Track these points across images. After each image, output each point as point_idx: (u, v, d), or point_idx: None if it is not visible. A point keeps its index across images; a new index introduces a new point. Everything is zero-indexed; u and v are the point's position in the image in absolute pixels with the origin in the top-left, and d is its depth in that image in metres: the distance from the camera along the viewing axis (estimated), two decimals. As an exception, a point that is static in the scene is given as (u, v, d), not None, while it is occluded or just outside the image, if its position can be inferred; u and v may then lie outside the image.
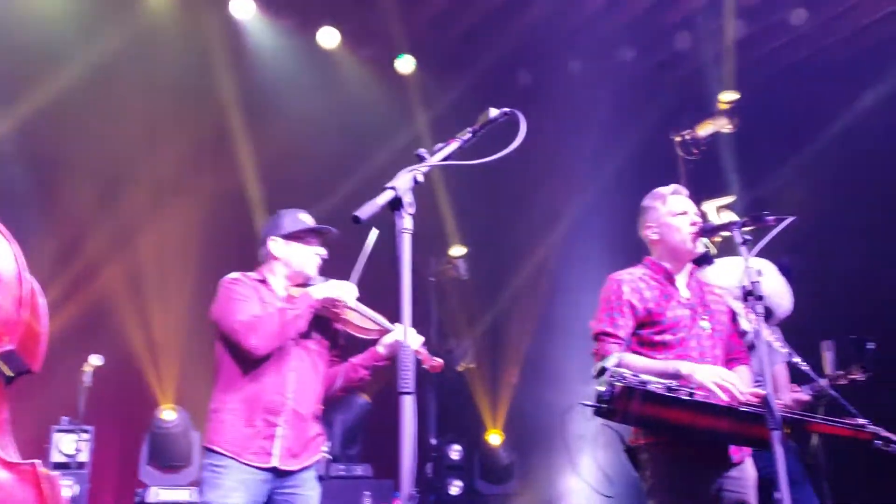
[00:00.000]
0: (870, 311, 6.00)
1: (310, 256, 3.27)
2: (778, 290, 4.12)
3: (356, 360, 3.35)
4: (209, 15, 6.36)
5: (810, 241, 6.22)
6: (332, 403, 6.78)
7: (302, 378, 3.17)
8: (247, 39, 6.54)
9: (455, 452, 7.32)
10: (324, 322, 3.26)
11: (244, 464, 3.01)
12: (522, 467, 7.49)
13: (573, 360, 6.76)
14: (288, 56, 6.72)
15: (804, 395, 4.27)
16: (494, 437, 7.52)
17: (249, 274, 3.28)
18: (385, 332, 3.27)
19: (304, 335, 3.20)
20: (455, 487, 7.20)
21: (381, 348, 3.28)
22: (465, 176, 7.36)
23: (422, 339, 3.21)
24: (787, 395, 4.19)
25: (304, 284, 3.27)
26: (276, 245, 3.26)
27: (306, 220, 3.31)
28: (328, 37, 6.75)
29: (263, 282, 3.26)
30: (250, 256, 3.48)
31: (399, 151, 6.72)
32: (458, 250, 7.75)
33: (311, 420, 3.21)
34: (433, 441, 7.25)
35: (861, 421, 2.86)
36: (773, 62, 7.31)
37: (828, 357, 4.15)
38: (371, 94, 7.14)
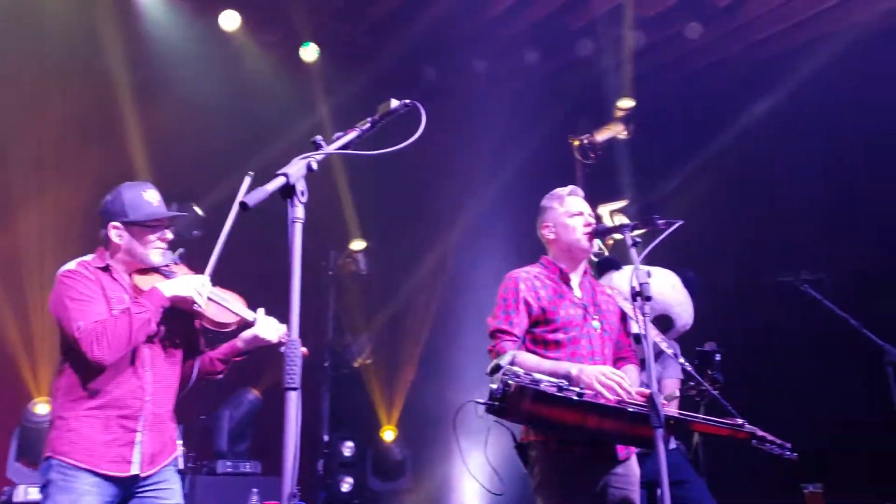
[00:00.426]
0: (749, 314, 6.31)
1: (154, 244, 2.99)
2: (681, 302, 4.23)
3: (213, 353, 3.17)
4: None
5: (697, 245, 6.49)
6: (220, 397, 6.67)
7: (159, 376, 2.96)
8: (142, 16, 6.26)
9: (347, 449, 7.25)
10: (179, 312, 2.99)
11: (101, 475, 2.80)
12: (415, 464, 7.48)
13: (470, 357, 6.81)
14: (186, 37, 6.48)
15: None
16: (388, 434, 7.49)
17: (90, 261, 2.98)
18: (245, 323, 3.07)
19: (160, 328, 2.97)
20: (346, 484, 7.13)
21: (240, 342, 3.10)
22: (368, 170, 7.30)
23: (283, 328, 3.00)
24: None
25: (158, 272, 3.03)
26: (116, 233, 2.96)
27: (152, 199, 3.00)
28: (229, 20, 6.54)
29: (106, 269, 2.98)
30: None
31: (298, 140, 6.58)
32: (358, 244, 7.68)
33: (169, 420, 3.02)
34: (325, 437, 7.16)
35: (739, 421, 2.97)
36: (669, 73, 7.56)
37: (711, 357, 4.27)
38: (272, 81, 6.97)
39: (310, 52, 6.91)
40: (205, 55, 6.57)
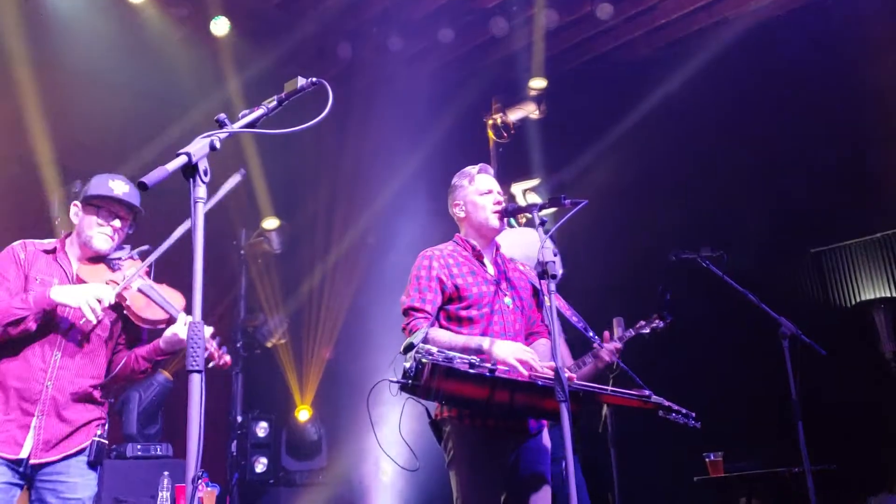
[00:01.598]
0: (655, 289, 6.52)
1: (99, 228, 2.97)
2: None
3: (140, 351, 3.12)
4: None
5: (604, 223, 6.67)
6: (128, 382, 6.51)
7: (68, 363, 2.90)
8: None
9: (261, 429, 7.19)
10: (114, 306, 2.95)
11: None
12: (331, 443, 7.48)
13: (387, 335, 6.82)
14: (89, 9, 6.20)
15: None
16: (303, 413, 7.46)
17: (39, 242, 3.00)
18: (172, 320, 3.02)
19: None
20: (260, 464, 7.08)
21: (161, 342, 3.05)
22: (282, 148, 7.18)
23: (211, 329, 2.92)
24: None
25: (100, 260, 3.00)
26: (74, 211, 3.01)
27: (115, 187, 2.99)
28: (136, -8, 6.29)
29: (53, 252, 2.97)
30: (40, 225, 3.19)
31: (208, 115, 6.41)
32: (270, 223, 7.57)
33: (78, 407, 2.93)
34: (238, 418, 7.09)
35: (646, 392, 3.08)
36: (581, 53, 7.68)
37: (617, 331, 4.41)
38: (182, 56, 6.75)
39: (220, 26, 6.72)
40: (110, 29, 6.31)
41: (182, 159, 1.81)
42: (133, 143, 6.23)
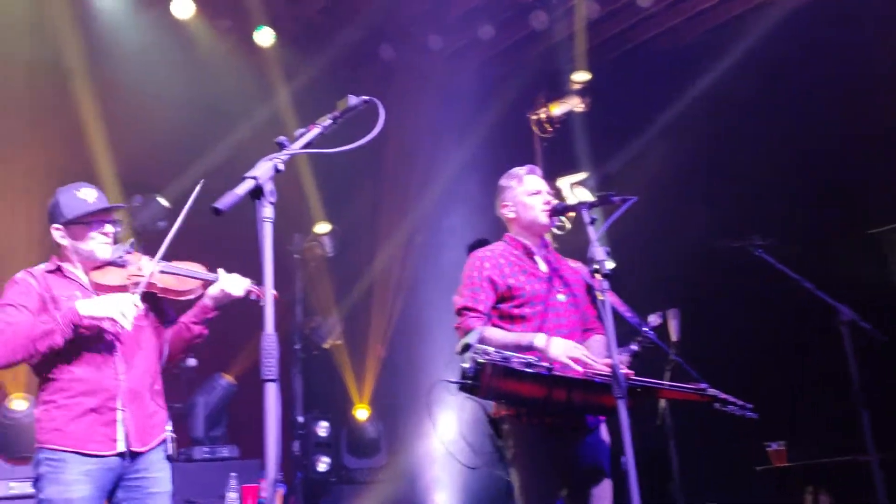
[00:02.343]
0: (709, 280, 6.47)
1: (97, 239, 3.04)
2: None
3: (186, 318, 3.22)
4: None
5: (655, 214, 6.62)
6: (193, 385, 6.71)
7: (130, 357, 3.02)
8: (94, 11, 6.15)
9: (322, 429, 7.34)
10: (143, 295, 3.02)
11: (88, 455, 2.87)
12: (390, 441, 7.60)
13: (438, 333, 6.91)
14: (141, 27, 6.39)
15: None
16: (361, 412, 7.59)
17: (37, 268, 3.04)
18: (207, 282, 3.14)
19: None
20: (323, 464, 7.23)
21: (208, 300, 3.16)
22: (332, 154, 7.29)
23: (247, 281, 3.12)
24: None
25: (114, 264, 3.08)
26: (59, 234, 3.03)
27: (87, 197, 3.05)
28: (182, 7, 6.46)
29: (57, 271, 3.04)
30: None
31: (259, 126, 6.56)
32: (322, 227, 7.71)
33: (151, 398, 3.08)
34: (300, 419, 7.23)
35: (702, 385, 3.11)
36: (622, 42, 7.65)
37: (673, 324, 4.40)
38: (229, 68, 6.91)
39: (265, 36, 6.86)
40: (159, 45, 6.48)
41: (250, 183, 1.92)
42: (187, 155, 6.41)
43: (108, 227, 3.09)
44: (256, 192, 1.93)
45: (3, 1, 5.76)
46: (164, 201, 6.24)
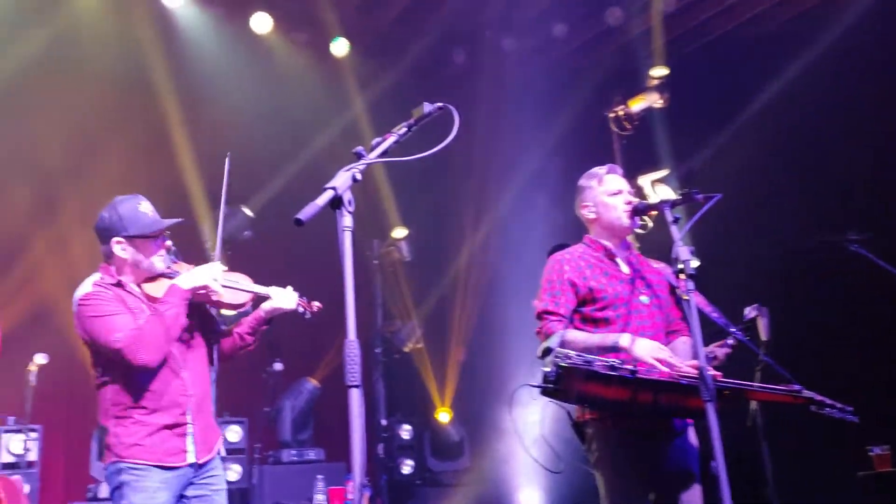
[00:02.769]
0: (801, 278, 6.24)
1: (156, 254, 3.13)
2: None
3: (240, 329, 3.33)
4: (138, 5, 6.20)
5: (742, 211, 6.43)
6: (280, 389, 6.86)
7: (194, 369, 3.13)
8: (178, 28, 6.39)
9: (405, 432, 7.41)
10: (193, 305, 3.13)
11: (164, 468, 2.99)
12: (473, 443, 7.61)
13: (517, 335, 6.88)
14: (221, 43, 6.60)
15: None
16: (444, 415, 7.62)
17: (102, 280, 3.09)
18: (258, 298, 3.27)
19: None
20: (407, 466, 7.30)
21: (262, 313, 3.29)
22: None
23: (297, 294, 3.29)
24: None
25: (164, 275, 3.17)
26: (120, 247, 3.07)
27: (147, 211, 3.13)
28: (260, 22, 6.63)
29: (119, 284, 3.09)
30: (192, 251, 3.41)
31: (337, 135, 6.69)
32: (400, 232, 7.79)
33: (208, 405, 3.21)
34: (383, 422, 7.32)
35: (796, 386, 2.99)
36: (702, 34, 7.46)
37: (762, 323, 4.27)
38: (306, 79, 7.07)
39: (340, 47, 6.98)
40: (241, 59, 6.69)
41: (329, 193, 1.96)
42: (268, 166, 6.59)
43: (168, 243, 3.20)
44: (336, 202, 1.96)
45: (90, 18, 6.01)
46: (248, 211, 6.42)
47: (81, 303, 3.00)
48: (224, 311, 3.39)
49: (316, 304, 3.37)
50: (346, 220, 1.98)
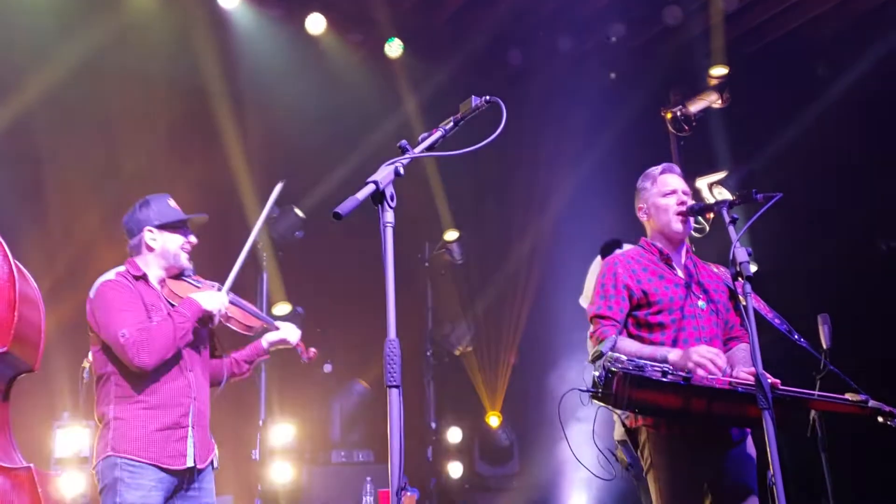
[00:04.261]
0: (864, 283, 6.01)
1: (183, 247, 3.22)
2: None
3: (238, 355, 3.40)
4: (195, 5, 6.28)
5: (805, 214, 6.22)
6: (329, 391, 6.88)
7: (198, 376, 3.17)
8: (233, 29, 6.45)
9: (455, 435, 7.37)
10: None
11: (162, 468, 2.99)
12: (522, 448, 7.53)
13: (569, 339, 6.77)
14: (276, 44, 6.63)
15: None
16: (493, 419, 7.56)
17: (126, 272, 3.15)
18: (267, 326, 3.38)
19: (196, 334, 3.18)
20: (456, 470, 7.25)
21: (264, 343, 3.38)
22: (457, 160, 7.30)
23: (299, 332, 3.43)
24: None
25: (178, 276, 3.24)
26: (151, 236, 3.17)
27: (175, 206, 3.27)
28: (315, 23, 6.67)
29: (143, 278, 3.16)
30: (238, 248, 3.43)
31: (390, 137, 6.67)
32: (451, 234, 7.75)
33: (208, 418, 3.22)
34: (433, 425, 7.30)
35: (863, 396, 2.86)
36: (763, 34, 7.25)
37: (824, 330, 4.11)
38: (361, 80, 7.07)
39: (394, 48, 6.97)
40: (295, 60, 6.72)
41: (371, 187, 1.91)
42: (320, 167, 6.60)
43: (193, 238, 3.29)
44: (377, 197, 1.91)
45: (144, 20, 6.09)
46: (299, 212, 6.45)
47: (99, 290, 3.07)
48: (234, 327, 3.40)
49: (312, 351, 3.49)
50: (388, 216, 1.93)
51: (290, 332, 3.41)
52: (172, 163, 6.23)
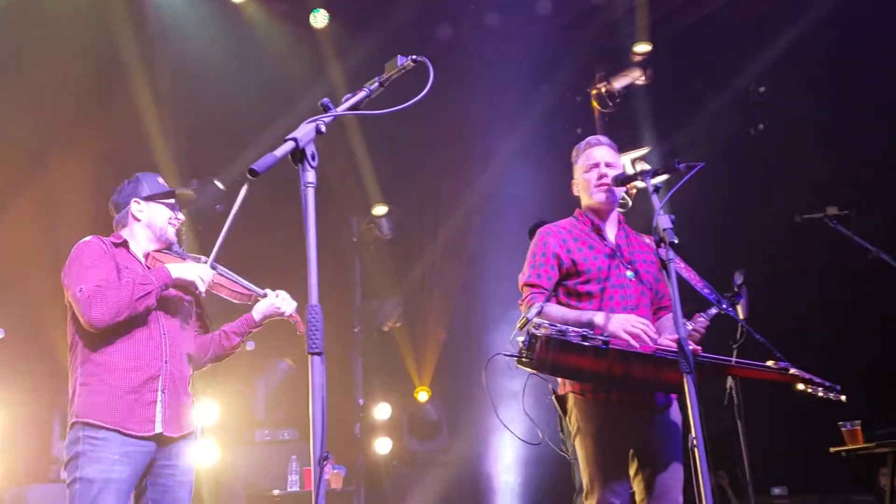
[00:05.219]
0: (783, 254, 6.23)
1: (171, 220, 3.20)
2: None
3: (228, 327, 3.31)
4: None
5: (725, 188, 6.39)
6: (254, 368, 6.77)
7: (175, 343, 3.08)
8: (152, -2, 6.20)
9: (383, 411, 7.34)
10: (194, 295, 3.20)
11: (127, 435, 2.88)
12: (451, 423, 7.55)
13: (500, 313, 6.81)
14: (196, 12, 6.41)
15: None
16: (423, 395, 7.56)
17: (107, 238, 3.13)
18: (256, 296, 3.29)
19: (178, 302, 3.12)
20: (384, 446, 7.23)
21: (255, 314, 3.28)
22: (386, 135, 7.24)
23: (295, 304, 3.29)
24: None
25: (166, 250, 3.20)
26: (138, 207, 3.15)
27: (164, 183, 3.27)
28: (239, -9, 6.46)
29: (123, 244, 3.13)
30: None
31: (313, 109, 6.52)
32: (380, 209, 7.67)
33: (185, 390, 3.12)
34: (361, 401, 7.26)
35: (783, 363, 2.92)
36: (687, 14, 7.36)
37: (742, 302, 4.22)
38: (285, 50, 6.90)
39: (320, 19, 6.82)
40: (216, 29, 6.51)
41: (290, 145, 1.84)
42: (241, 139, 6.42)
43: (181, 215, 3.26)
44: (297, 155, 1.84)
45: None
46: (220, 184, 6.28)
47: (73, 250, 3.04)
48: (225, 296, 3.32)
49: (293, 307, 3.34)
50: (310, 176, 1.86)
51: (283, 303, 3.28)
52: (85, 131, 5.97)
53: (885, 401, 5.58)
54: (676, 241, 2.64)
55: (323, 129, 1.90)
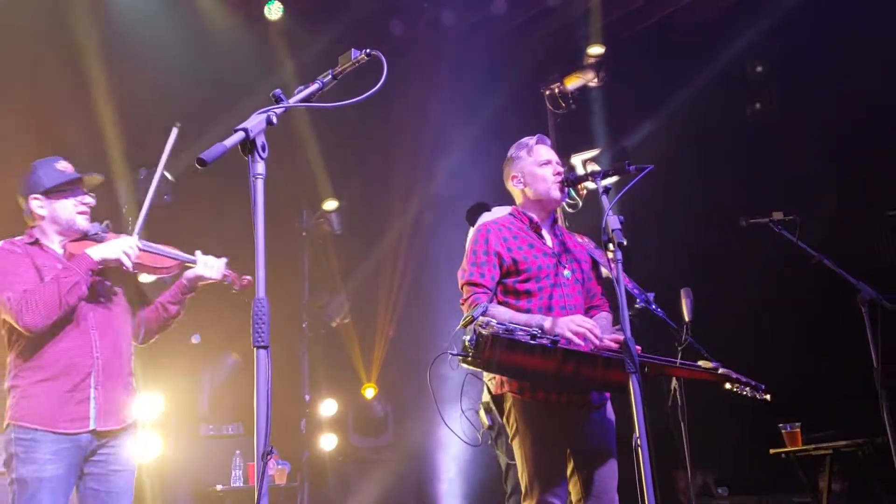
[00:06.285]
0: (727, 258, 6.35)
1: (76, 208, 3.07)
2: None
3: (163, 298, 3.27)
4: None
5: (673, 191, 6.50)
6: (198, 362, 6.65)
7: (106, 335, 3.03)
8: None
9: (329, 407, 7.30)
10: (116, 271, 3.09)
11: (59, 434, 2.86)
12: (397, 419, 7.54)
13: (447, 312, 6.81)
14: (149, 2, 6.29)
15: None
16: (369, 391, 7.53)
17: (16, 239, 3.05)
18: (185, 265, 3.22)
19: (99, 289, 3.06)
20: (329, 442, 7.19)
21: (185, 281, 3.24)
22: (338, 129, 7.18)
23: (224, 260, 3.22)
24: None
25: (83, 238, 3.11)
26: (38, 204, 3.04)
27: (65, 169, 3.10)
28: (191, -18, 6.34)
29: (36, 244, 3.04)
30: (106, 213, 3.26)
31: (265, 101, 6.43)
32: (330, 204, 7.61)
33: (123, 378, 3.08)
34: (307, 397, 7.20)
35: (714, 364, 2.99)
36: (642, 17, 7.46)
37: (686, 303, 4.28)
38: (238, 42, 6.80)
39: (274, 11, 6.74)
40: (168, 19, 6.39)
41: (239, 135, 1.81)
42: (193, 130, 6.29)
43: (88, 199, 3.12)
44: (247, 146, 1.81)
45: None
46: (169, 175, 6.16)
47: None
48: (145, 275, 3.30)
49: (247, 278, 3.28)
50: (259, 167, 1.84)
51: (208, 268, 3.19)
52: (31, 118, 5.81)
53: (825, 404, 5.73)
54: (625, 243, 2.67)
55: (274, 120, 1.88)
